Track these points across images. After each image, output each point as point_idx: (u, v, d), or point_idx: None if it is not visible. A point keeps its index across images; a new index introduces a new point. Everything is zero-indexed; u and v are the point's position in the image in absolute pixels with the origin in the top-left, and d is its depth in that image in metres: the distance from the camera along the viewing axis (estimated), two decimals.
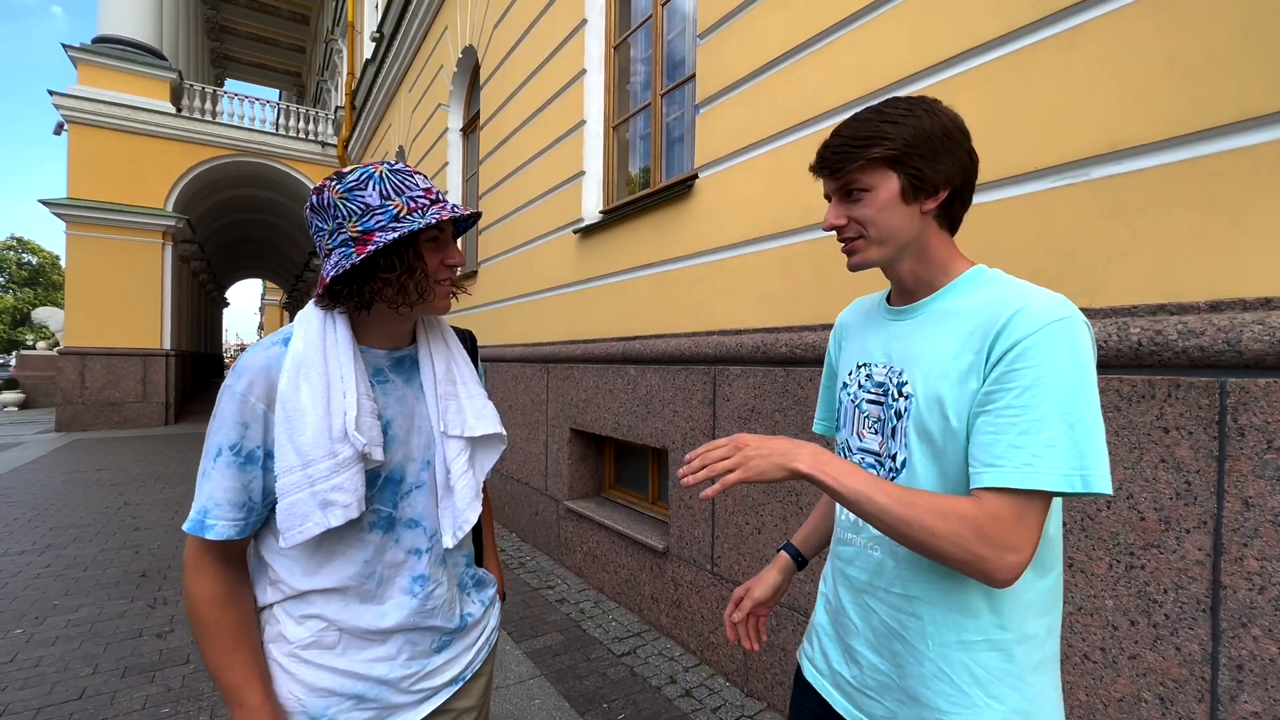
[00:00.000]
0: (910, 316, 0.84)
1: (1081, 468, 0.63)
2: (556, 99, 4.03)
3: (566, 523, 3.72)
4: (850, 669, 0.85)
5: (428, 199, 0.85)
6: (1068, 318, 0.67)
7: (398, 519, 0.89)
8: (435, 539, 0.93)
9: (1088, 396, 0.65)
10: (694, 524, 2.63)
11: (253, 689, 0.80)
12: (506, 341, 4.78)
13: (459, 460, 0.94)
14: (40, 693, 2.35)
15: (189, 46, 16.09)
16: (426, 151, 7.28)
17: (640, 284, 3.15)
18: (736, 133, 2.51)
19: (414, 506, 0.91)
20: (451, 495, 0.94)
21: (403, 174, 0.85)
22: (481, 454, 1.01)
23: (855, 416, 0.87)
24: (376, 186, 0.82)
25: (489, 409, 1.00)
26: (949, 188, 0.78)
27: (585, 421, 3.53)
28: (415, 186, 0.85)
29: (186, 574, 0.82)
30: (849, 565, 0.86)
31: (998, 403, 0.68)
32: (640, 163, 3.66)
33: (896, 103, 0.78)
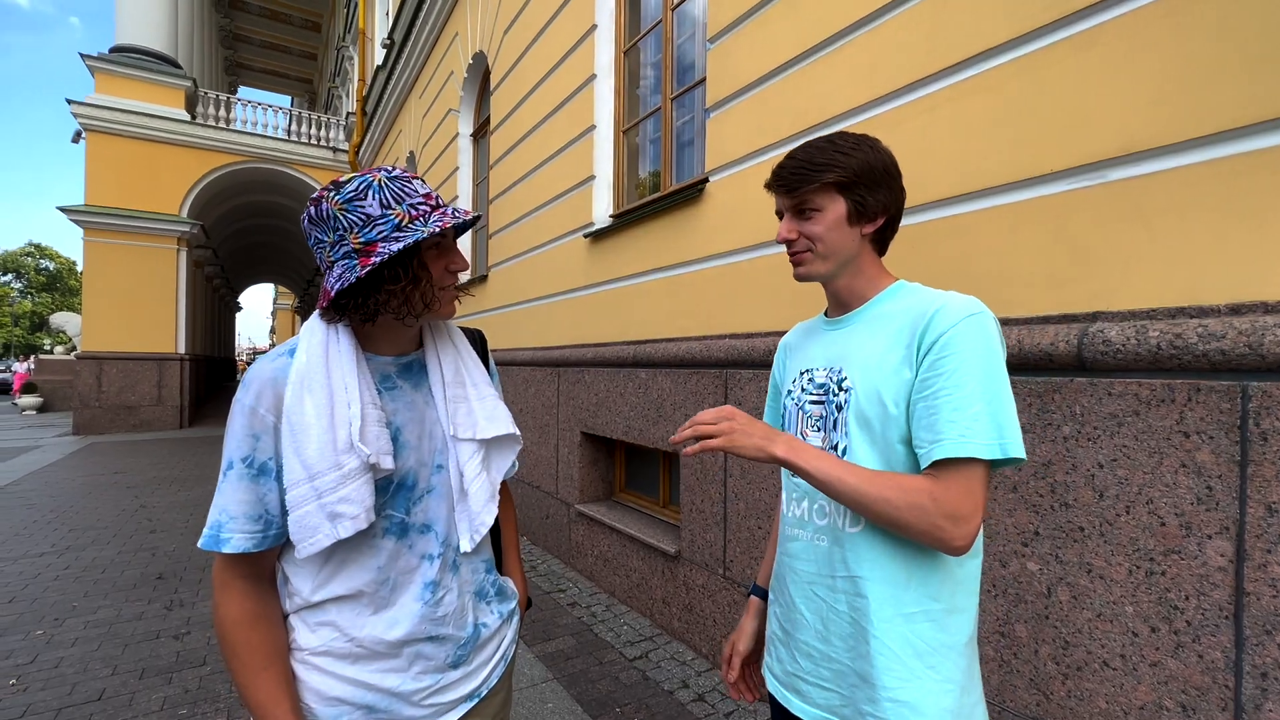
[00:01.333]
0: (846, 324, 0.94)
1: (1000, 438, 0.74)
2: (567, 104, 4.05)
3: (578, 526, 3.72)
4: (805, 663, 0.90)
5: (428, 205, 0.84)
6: (979, 314, 0.79)
7: (410, 525, 0.89)
8: (447, 544, 0.92)
9: (999, 377, 0.77)
10: (706, 528, 2.62)
11: (280, 709, 0.80)
12: (517, 345, 4.80)
13: (472, 463, 0.94)
14: (61, 693, 2.39)
15: (203, 54, 16.32)
16: (437, 157, 7.33)
17: (651, 288, 3.16)
18: (747, 136, 2.51)
19: (427, 511, 0.91)
20: (466, 499, 0.93)
21: (401, 181, 0.83)
22: (496, 456, 1.01)
23: (799, 418, 0.95)
24: (376, 196, 0.81)
25: (501, 410, 0.99)
26: (885, 215, 0.90)
27: (596, 425, 3.54)
28: (415, 193, 0.83)
29: (215, 593, 0.82)
30: (796, 559, 0.93)
31: (932, 387, 0.78)
32: (650, 167, 3.66)
33: (847, 136, 0.90)
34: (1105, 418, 1.36)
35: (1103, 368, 1.36)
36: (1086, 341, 1.37)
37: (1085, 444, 1.39)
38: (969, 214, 1.70)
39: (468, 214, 0.87)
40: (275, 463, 0.81)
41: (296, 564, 0.85)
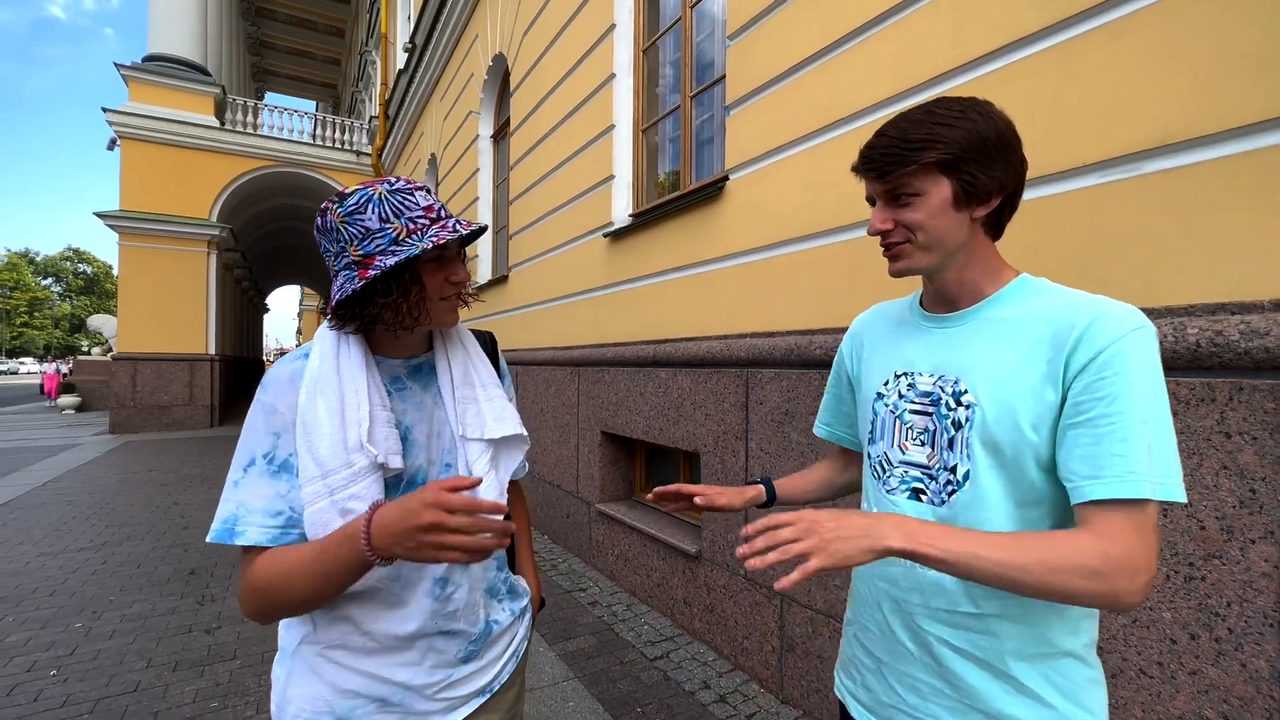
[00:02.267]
0: (957, 324, 0.82)
1: (1171, 476, 0.63)
2: (586, 104, 4.05)
3: (598, 525, 3.73)
4: (910, 697, 0.81)
5: (427, 219, 0.85)
6: (1145, 327, 0.67)
7: None
8: None
9: (1166, 406, 0.65)
10: (726, 528, 2.61)
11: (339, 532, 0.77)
12: (537, 345, 4.82)
13: (480, 462, 0.95)
14: (99, 684, 2.46)
15: (231, 62, 16.70)
16: (458, 159, 7.41)
17: (671, 287, 3.15)
18: (768, 133, 2.49)
19: None
20: (475, 494, 0.94)
21: (402, 194, 0.84)
22: (505, 456, 1.01)
23: (896, 428, 0.84)
24: (375, 209, 0.82)
25: (509, 411, 1.00)
26: (1001, 195, 0.76)
27: (616, 424, 3.54)
28: (415, 206, 0.84)
29: (240, 591, 0.82)
30: (896, 587, 0.83)
31: (1089, 412, 0.66)
32: (670, 166, 3.65)
33: (949, 103, 0.76)
34: None
35: None
36: None
37: None
38: None
39: (469, 226, 0.87)
40: (295, 460, 0.83)
41: None
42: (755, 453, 2.44)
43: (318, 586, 0.77)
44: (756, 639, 2.44)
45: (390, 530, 0.72)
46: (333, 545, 0.76)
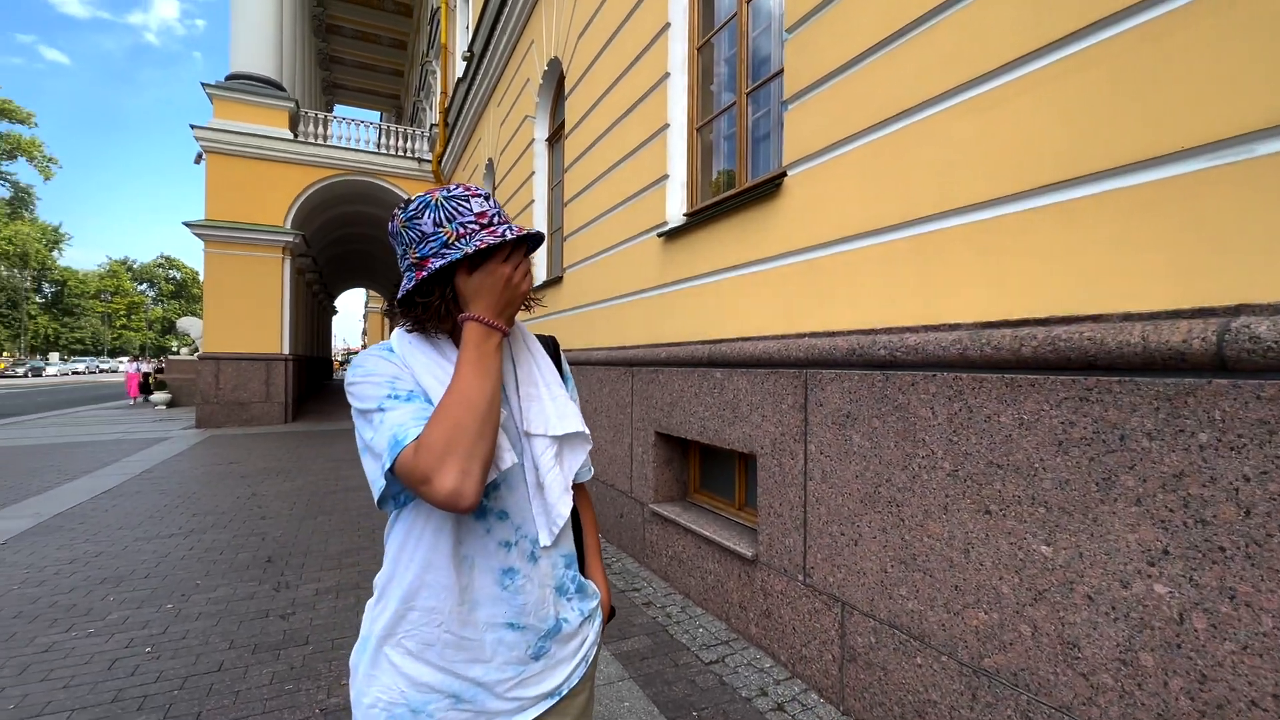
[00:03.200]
0: None
1: None
2: (640, 104, 4.06)
3: (652, 526, 3.72)
4: None
5: (478, 224, 0.88)
6: None
7: (489, 508, 0.92)
8: (522, 533, 0.95)
9: None
10: (785, 532, 2.55)
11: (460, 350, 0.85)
12: (591, 345, 4.86)
13: (545, 456, 0.97)
14: (187, 663, 2.63)
15: (304, 77, 17.63)
16: (514, 163, 7.56)
17: (726, 286, 3.11)
18: (828, 127, 2.42)
19: (503, 499, 0.94)
20: (543, 492, 0.96)
21: (457, 200, 0.88)
22: (568, 453, 1.02)
23: None
24: (431, 214, 0.87)
25: (571, 409, 1.02)
26: None
27: (670, 425, 3.52)
28: (467, 212, 0.88)
29: (431, 483, 0.77)
30: None
31: None
32: (725, 164, 3.61)
33: None
34: (1253, 424, 1.20)
35: (1249, 368, 1.20)
36: (1228, 338, 1.22)
37: (1227, 454, 1.23)
38: (1080, 200, 1.55)
39: (520, 231, 0.89)
40: (420, 392, 0.88)
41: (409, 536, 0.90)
42: (815, 456, 2.38)
43: (478, 382, 0.81)
44: (816, 647, 2.37)
45: (490, 305, 0.86)
46: (467, 354, 0.83)
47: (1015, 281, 1.71)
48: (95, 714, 2.25)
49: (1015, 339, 1.64)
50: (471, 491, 0.77)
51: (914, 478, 1.95)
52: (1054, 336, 1.55)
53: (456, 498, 0.76)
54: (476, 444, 0.78)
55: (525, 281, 0.90)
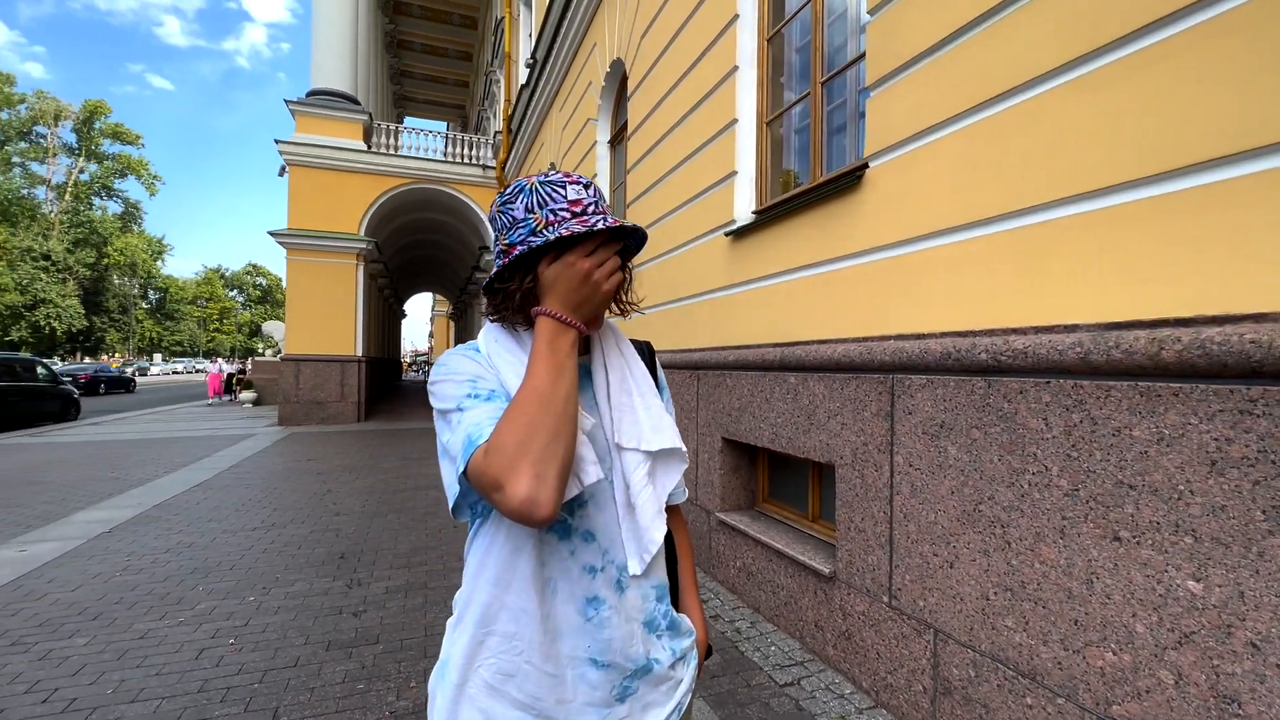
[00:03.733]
0: None
1: None
2: (706, 100, 3.95)
3: (718, 535, 3.59)
4: None
5: (570, 212, 0.81)
6: None
7: (574, 527, 0.84)
8: (609, 558, 0.86)
9: None
10: (867, 549, 2.37)
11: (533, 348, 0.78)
12: (655, 348, 4.78)
13: (638, 474, 0.87)
14: (266, 656, 2.71)
15: (377, 92, 18.44)
16: (576, 166, 7.59)
17: (799, 286, 2.95)
18: (916, 113, 2.24)
19: (589, 519, 0.85)
20: (634, 513, 0.87)
21: (552, 186, 0.82)
22: (662, 471, 0.93)
23: None
24: (524, 199, 0.82)
25: (667, 422, 0.93)
26: None
27: (738, 431, 3.39)
28: (560, 198, 0.82)
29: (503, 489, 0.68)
30: None
31: None
32: (797, 159, 3.45)
33: None
34: None
35: None
36: None
37: None
38: (1240, 179, 1.34)
39: (615, 222, 0.81)
40: (502, 392, 0.82)
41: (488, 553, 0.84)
42: (902, 468, 2.20)
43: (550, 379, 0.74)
44: (904, 676, 2.19)
45: (565, 300, 0.78)
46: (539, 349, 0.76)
47: (1149, 275, 1.50)
48: (183, 703, 2.33)
49: (1152, 342, 1.43)
50: (547, 500, 0.68)
51: (1022, 496, 1.76)
52: (1203, 339, 1.33)
53: (531, 506, 0.67)
54: (551, 446, 0.70)
55: (609, 279, 0.81)
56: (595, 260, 0.79)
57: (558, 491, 0.69)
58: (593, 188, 0.84)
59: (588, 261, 0.78)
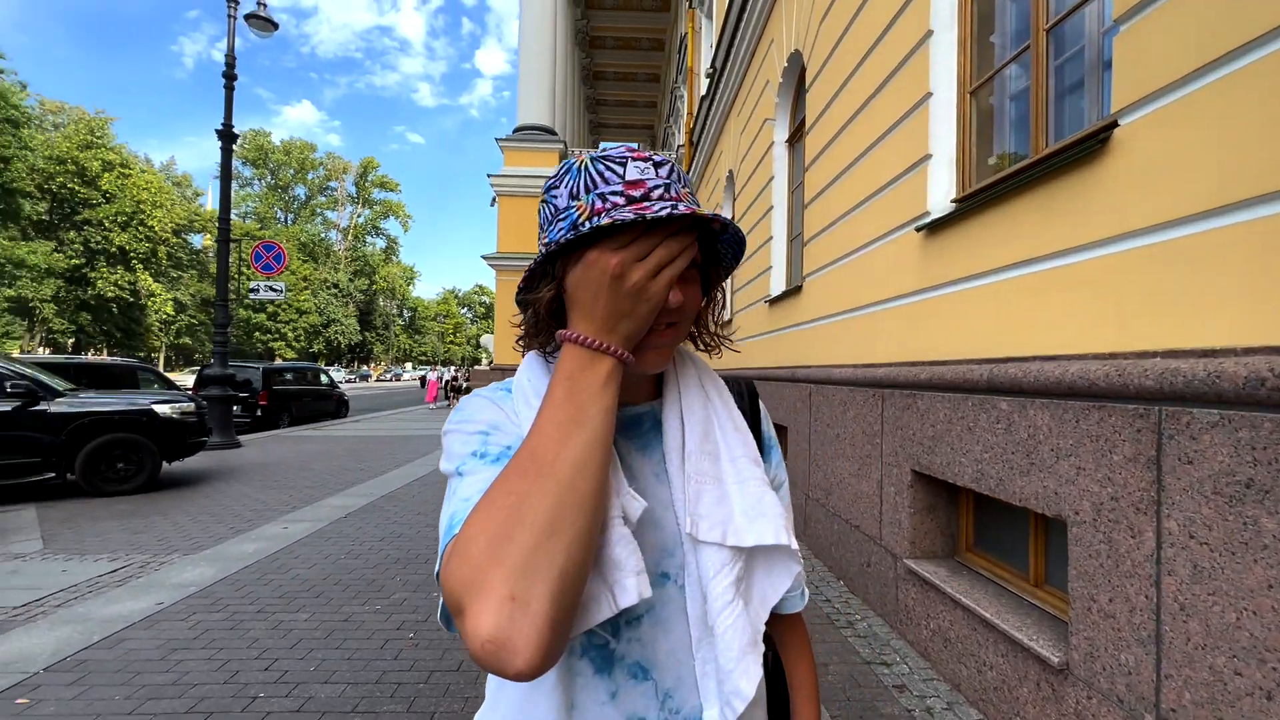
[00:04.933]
0: None
1: None
2: (894, 76, 3.42)
3: (907, 586, 3.03)
4: None
5: (627, 196, 0.54)
6: None
7: (616, 656, 0.59)
8: (672, 707, 0.59)
9: None
10: (1118, 641, 1.74)
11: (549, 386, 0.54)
12: (833, 362, 4.29)
13: (721, 581, 0.59)
14: (434, 656, 2.86)
15: (574, 122, 20.00)
16: (753, 170, 7.30)
17: (1014, 287, 2.35)
18: (1197, 41, 1.59)
19: (642, 644, 0.59)
20: (713, 640, 0.59)
21: (606, 163, 0.56)
22: (762, 575, 0.64)
23: None
24: (570, 183, 0.57)
25: (769, 502, 0.62)
26: None
27: (932, 464, 2.82)
28: (615, 179, 0.55)
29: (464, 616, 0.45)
30: None
31: None
32: (1012, 131, 2.80)
33: None
34: None
35: None
36: None
37: None
38: None
39: (676, 210, 0.52)
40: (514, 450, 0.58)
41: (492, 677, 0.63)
42: (1178, 539, 1.56)
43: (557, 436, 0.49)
44: None
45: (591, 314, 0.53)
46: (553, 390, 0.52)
47: None
48: (362, 691, 2.53)
49: None
50: (527, 643, 0.42)
51: None
52: None
53: (497, 653, 0.42)
54: (543, 549, 0.44)
55: (657, 282, 0.52)
56: (632, 254, 0.52)
57: (549, 629, 0.43)
58: (668, 167, 0.58)
59: (615, 257, 0.52)
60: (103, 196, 35.64)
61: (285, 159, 54.77)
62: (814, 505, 4.49)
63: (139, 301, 38.69)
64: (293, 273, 44.64)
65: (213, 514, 5.56)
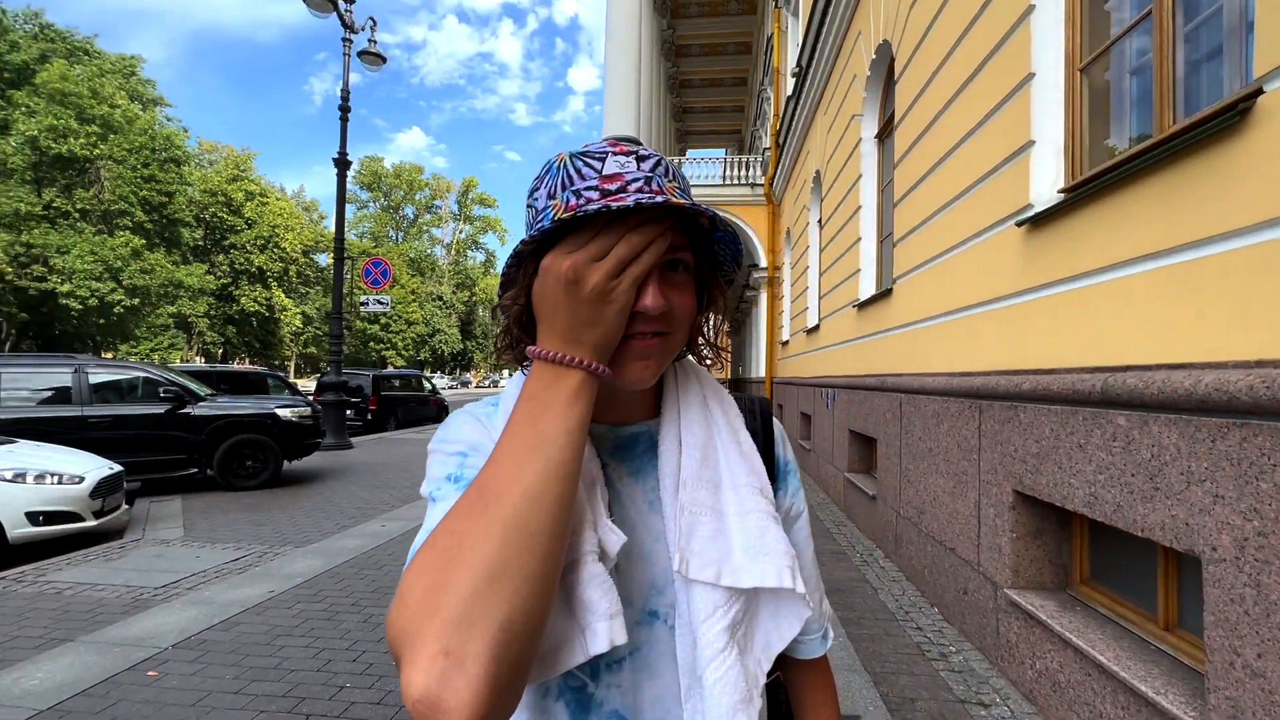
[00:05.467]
0: None
1: None
2: (990, 59, 3.14)
3: (1009, 619, 2.73)
4: None
5: (601, 190, 0.49)
6: None
7: (595, 702, 0.53)
8: None
9: None
10: (1269, 703, 1.46)
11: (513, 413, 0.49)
12: (925, 370, 3.99)
13: (713, 626, 0.52)
14: None
15: (661, 131, 20.14)
16: (840, 168, 7.00)
17: (1133, 285, 2.06)
18: None
19: (623, 690, 0.53)
20: (700, 692, 0.52)
21: (586, 158, 0.51)
22: (766, 620, 0.56)
23: None
24: (549, 183, 0.53)
25: (774, 541, 0.55)
26: None
27: (1038, 485, 2.53)
28: (591, 174, 0.50)
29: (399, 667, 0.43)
30: None
31: None
32: (1134, 108, 2.48)
33: None
34: None
35: None
36: None
37: None
38: None
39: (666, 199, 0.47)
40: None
41: None
42: None
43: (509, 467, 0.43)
44: None
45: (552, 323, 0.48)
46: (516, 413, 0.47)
47: None
48: None
49: None
50: (462, 706, 0.36)
51: None
52: None
53: (432, 714, 0.36)
54: (485, 597, 0.38)
55: (619, 285, 0.47)
56: (586, 254, 0.46)
57: (488, 688, 0.37)
58: (653, 160, 0.52)
59: (567, 260, 0.46)
60: (245, 223, 40.19)
61: (396, 181, 59.30)
62: (905, 524, 4.18)
63: (273, 315, 43.20)
64: (401, 286, 48.11)
65: (323, 510, 6.04)
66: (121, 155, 26.24)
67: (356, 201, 56.92)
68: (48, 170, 25.26)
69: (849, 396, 5.97)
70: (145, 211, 28.02)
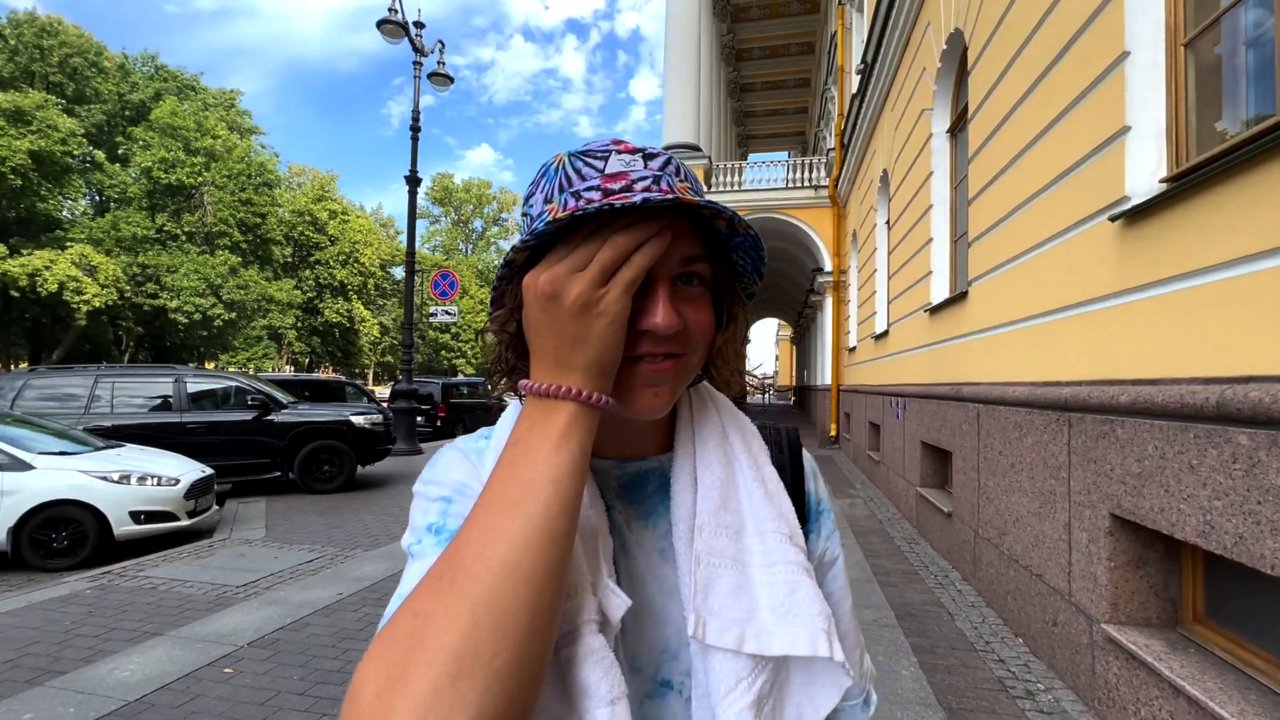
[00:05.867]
0: None
1: None
2: (1076, 40, 2.88)
3: (1108, 657, 2.46)
4: None
5: (602, 190, 0.42)
6: None
7: None
8: None
9: None
10: None
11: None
12: (1005, 379, 3.70)
13: (736, 702, 0.44)
14: None
15: (722, 137, 20.00)
16: (909, 167, 6.67)
17: (1254, 284, 1.81)
18: None
19: None
20: None
21: (587, 157, 0.45)
22: (800, 688, 0.48)
23: None
24: (545, 186, 0.47)
25: (806, 599, 0.46)
26: None
27: (1140, 509, 2.27)
28: (593, 174, 0.44)
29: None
30: None
31: None
32: (1251, 85, 2.20)
33: None
34: None
35: None
36: None
37: None
38: None
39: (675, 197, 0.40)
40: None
41: None
42: None
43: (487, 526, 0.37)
44: None
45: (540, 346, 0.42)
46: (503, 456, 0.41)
47: None
48: None
49: None
50: None
51: None
52: None
53: None
54: (442, 700, 0.32)
55: (609, 295, 0.40)
56: (566, 265, 0.40)
57: None
58: (663, 159, 0.46)
59: (545, 273, 0.41)
60: (328, 240, 42.84)
61: (466, 196, 61.71)
62: (984, 545, 3.88)
63: (354, 326, 45.77)
64: (470, 297, 49.88)
65: (392, 514, 6.26)
66: (222, 181, 28.59)
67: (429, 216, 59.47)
68: (160, 197, 27.88)
69: (920, 406, 5.64)
70: (241, 232, 30.37)
